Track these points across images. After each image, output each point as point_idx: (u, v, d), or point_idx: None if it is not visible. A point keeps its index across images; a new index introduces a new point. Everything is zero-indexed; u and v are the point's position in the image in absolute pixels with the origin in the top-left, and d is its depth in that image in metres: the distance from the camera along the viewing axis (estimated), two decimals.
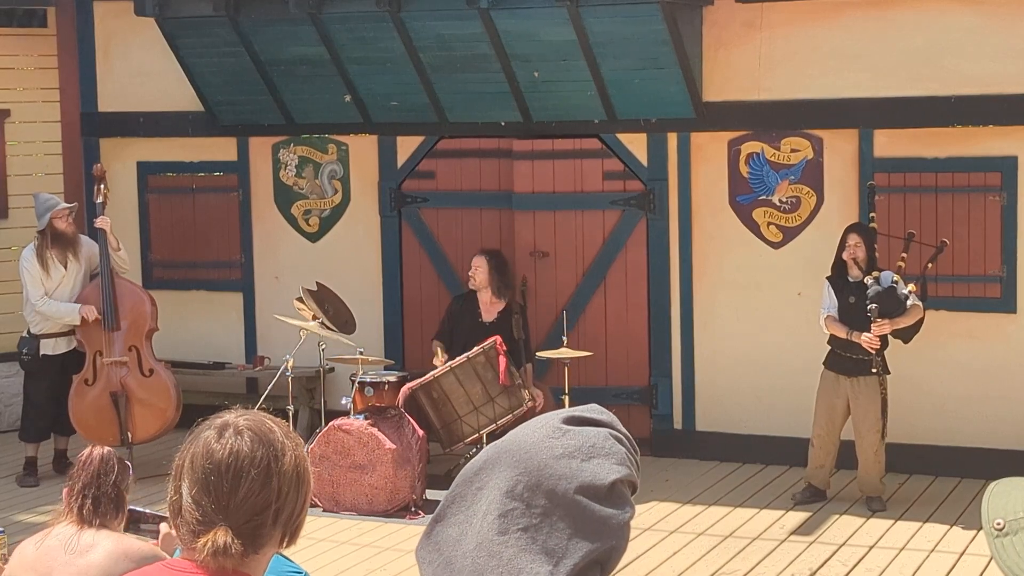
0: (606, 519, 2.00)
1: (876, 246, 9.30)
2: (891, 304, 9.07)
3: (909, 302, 9.11)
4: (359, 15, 10.57)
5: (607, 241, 10.84)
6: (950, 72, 9.84)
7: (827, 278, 9.40)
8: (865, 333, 9.05)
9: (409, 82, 10.87)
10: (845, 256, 9.28)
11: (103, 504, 4.51)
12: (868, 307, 9.04)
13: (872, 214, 9.42)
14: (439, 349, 10.24)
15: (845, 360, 9.25)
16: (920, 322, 9.23)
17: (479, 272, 10.22)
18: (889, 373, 9.27)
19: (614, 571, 2.04)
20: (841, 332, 9.19)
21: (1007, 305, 9.89)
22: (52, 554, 4.41)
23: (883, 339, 9.16)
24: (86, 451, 4.66)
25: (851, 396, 9.23)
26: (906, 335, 9.28)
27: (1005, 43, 9.72)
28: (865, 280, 9.14)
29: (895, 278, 9.13)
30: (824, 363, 9.39)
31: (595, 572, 2.00)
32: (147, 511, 4.58)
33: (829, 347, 9.37)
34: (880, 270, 9.19)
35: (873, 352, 9.09)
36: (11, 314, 11.42)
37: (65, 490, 4.61)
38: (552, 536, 1.98)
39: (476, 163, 11.13)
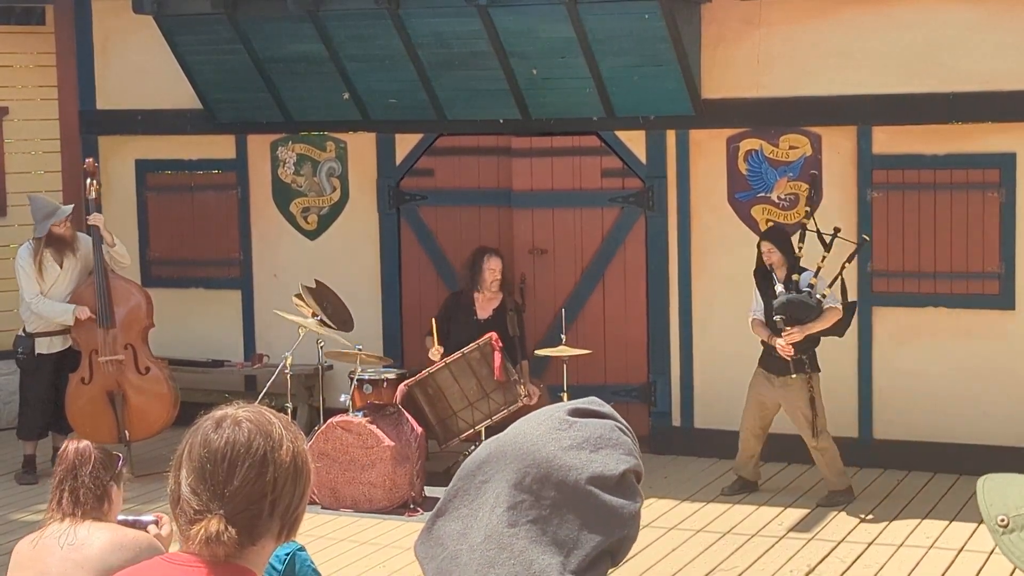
0: (617, 509, 1.99)
1: (802, 245, 9.27)
2: (800, 312, 9.14)
3: (825, 304, 9.14)
4: (357, 12, 10.57)
5: (606, 239, 10.84)
6: (949, 69, 9.84)
7: (754, 280, 9.45)
8: (779, 340, 9.16)
9: (408, 79, 10.87)
10: (765, 261, 9.35)
11: (82, 495, 4.49)
12: (774, 318, 9.15)
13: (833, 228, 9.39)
14: (435, 330, 10.11)
15: (772, 360, 9.35)
16: (841, 321, 9.25)
17: (499, 272, 10.19)
18: (818, 371, 9.30)
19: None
20: (763, 335, 9.35)
21: (1005, 302, 9.89)
22: (48, 550, 4.41)
23: (810, 338, 9.18)
24: (63, 446, 4.67)
25: (781, 395, 9.37)
26: (836, 332, 9.33)
27: (1003, 39, 9.72)
28: (776, 288, 9.21)
29: (811, 280, 9.19)
30: (758, 361, 9.48)
31: (606, 562, 2.00)
32: (130, 518, 4.58)
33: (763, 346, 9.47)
34: (802, 271, 9.25)
35: (788, 358, 9.17)
36: (9, 312, 11.42)
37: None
38: (563, 527, 1.98)
39: (475, 161, 11.13)
